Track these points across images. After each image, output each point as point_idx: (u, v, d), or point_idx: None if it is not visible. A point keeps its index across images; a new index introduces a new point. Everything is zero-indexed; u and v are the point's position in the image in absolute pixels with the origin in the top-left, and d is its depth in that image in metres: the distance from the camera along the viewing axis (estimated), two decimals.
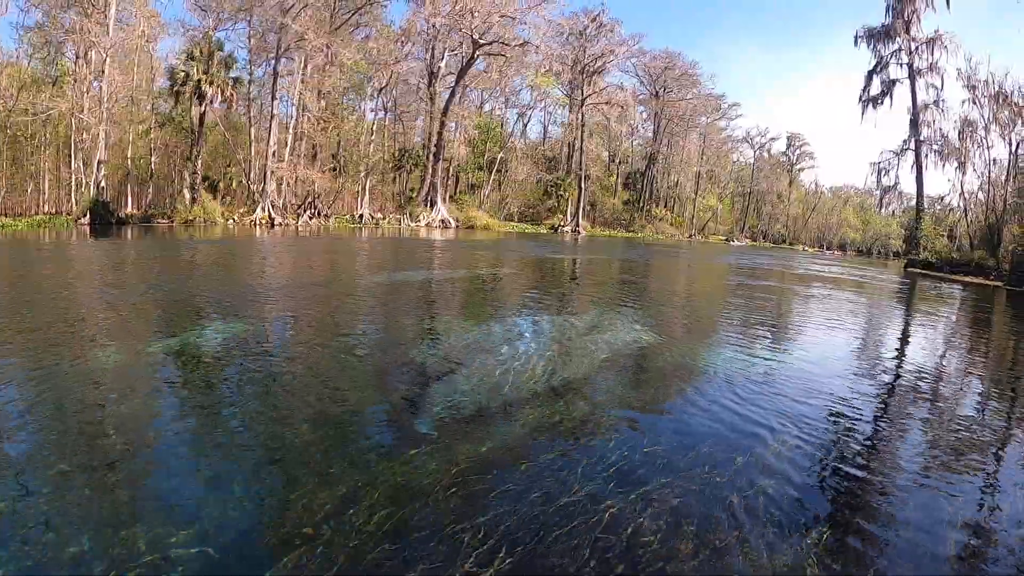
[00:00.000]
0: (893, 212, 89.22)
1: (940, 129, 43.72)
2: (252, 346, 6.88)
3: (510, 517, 3.32)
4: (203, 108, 34.87)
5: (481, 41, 45.55)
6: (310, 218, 38.85)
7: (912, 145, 45.69)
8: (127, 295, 10.20)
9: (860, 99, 47.43)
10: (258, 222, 35.71)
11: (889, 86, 46.11)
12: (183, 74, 33.74)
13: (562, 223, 57.24)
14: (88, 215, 28.54)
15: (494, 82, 54.69)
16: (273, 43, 39.27)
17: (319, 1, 39.83)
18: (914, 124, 44.86)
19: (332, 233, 33.57)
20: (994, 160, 39.30)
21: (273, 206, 37.13)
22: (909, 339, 12.06)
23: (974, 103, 39.25)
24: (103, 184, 31.24)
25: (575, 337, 8.30)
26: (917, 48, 44.06)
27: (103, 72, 31.97)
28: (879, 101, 46.53)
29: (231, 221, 34.92)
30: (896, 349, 10.71)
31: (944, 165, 43.72)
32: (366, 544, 3.00)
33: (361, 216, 43.42)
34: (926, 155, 44.41)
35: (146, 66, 39.35)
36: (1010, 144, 37.45)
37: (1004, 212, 36.03)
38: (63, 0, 31.93)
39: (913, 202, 54.04)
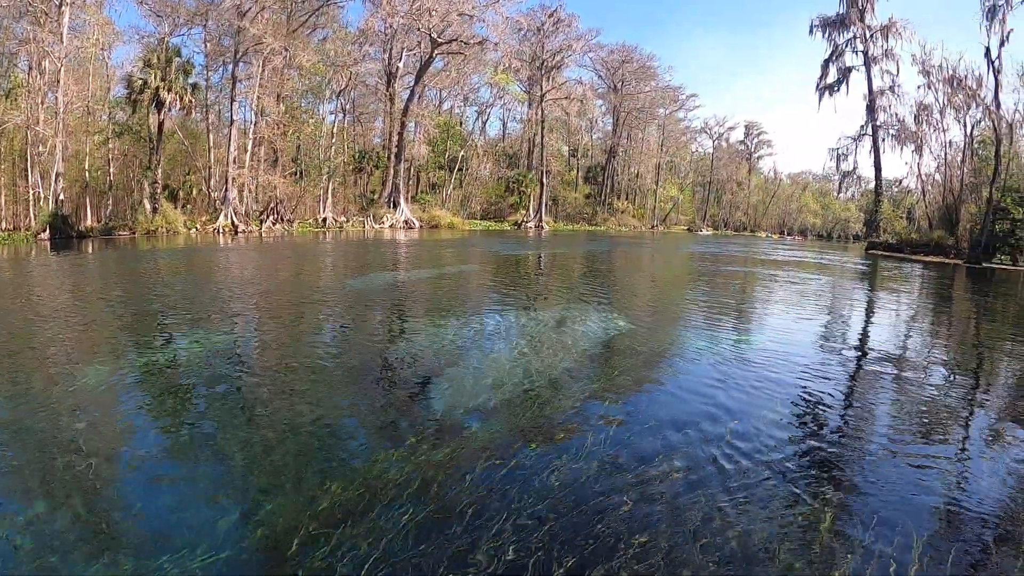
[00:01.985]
0: (852, 196, 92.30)
1: (896, 114, 45.25)
2: (234, 357, 7.07)
3: (520, 502, 3.61)
4: (161, 116, 34.85)
5: (439, 40, 46.06)
6: (273, 224, 39.09)
7: (869, 130, 47.23)
8: (99, 311, 10.19)
9: (817, 87, 48.87)
10: (221, 230, 35.87)
11: (845, 73, 47.57)
12: (141, 82, 33.61)
13: (525, 219, 58.33)
14: (48, 230, 28.33)
15: (453, 80, 55.26)
16: (230, 47, 39.21)
17: (276, 4, 39.83)
18: (871, 110, 46.32)
19: (297, 238, 33.94)
20: (950, 142, 40.57)
21: (236, 213, 37.31)
22: (882, 317, 12.73)
23: (929, 88, 40.40)
24: (62, 197, 31.02)
25: (553, 330, 8.73)
26: (872, 35, 45.39)
27: (58, 82, 31.61)
28: (835, 89, 48.04)
29: (194, 230, 35.07)
30: (871, 327, 11.34)
31: (901, 149, 45.40)
32: (389, 540, 3.20)
33: (324, 220, 43.78)
34: (883, 139, 46.06)
35: (101, 75, 38.87)
36: (965, 127, 38.64)
37: (961, 192, 37.25)
38: (15, 10, 31.48)
39: (871, 186, 55.53)
